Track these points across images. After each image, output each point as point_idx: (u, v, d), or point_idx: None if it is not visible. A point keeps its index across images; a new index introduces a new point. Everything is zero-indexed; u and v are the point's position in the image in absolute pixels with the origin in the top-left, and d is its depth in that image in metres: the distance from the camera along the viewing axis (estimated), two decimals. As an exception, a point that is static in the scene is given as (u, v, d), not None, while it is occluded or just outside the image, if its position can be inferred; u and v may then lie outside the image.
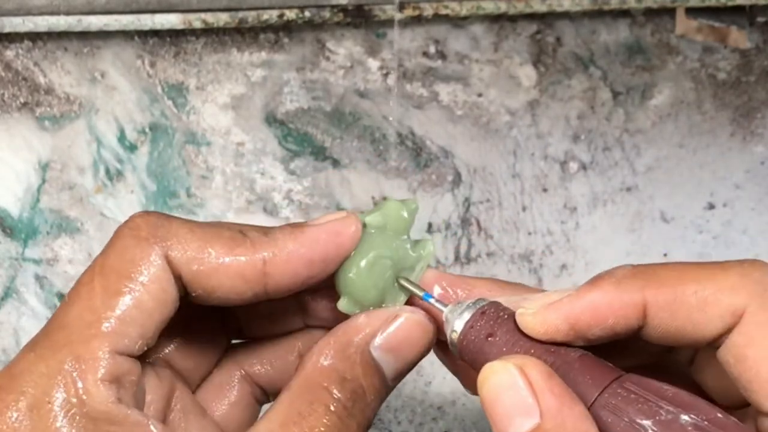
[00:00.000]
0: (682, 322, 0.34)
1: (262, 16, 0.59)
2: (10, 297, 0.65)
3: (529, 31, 0.65)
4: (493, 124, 0.67)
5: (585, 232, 0.69)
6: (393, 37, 0.64)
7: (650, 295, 0.34)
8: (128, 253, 0.36)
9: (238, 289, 0.37)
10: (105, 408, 0.33)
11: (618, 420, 0.32)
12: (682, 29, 0.65)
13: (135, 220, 0.37)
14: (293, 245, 0.37)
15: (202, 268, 0.36)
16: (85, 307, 0.35)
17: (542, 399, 0.32)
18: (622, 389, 0.33)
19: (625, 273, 0.35)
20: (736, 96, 0.69)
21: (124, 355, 0.35)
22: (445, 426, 0.70)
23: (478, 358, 0.36)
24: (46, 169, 0.63)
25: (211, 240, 0.36)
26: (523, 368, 0.33)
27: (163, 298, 0.36)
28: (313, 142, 0.65)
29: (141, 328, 0.35)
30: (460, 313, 0.37)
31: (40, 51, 0.61)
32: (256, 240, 0.37)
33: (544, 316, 0.35)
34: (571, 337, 0.35)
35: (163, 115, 0.64)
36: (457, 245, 0.68)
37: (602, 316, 0.35)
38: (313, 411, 0.36)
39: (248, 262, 0.36)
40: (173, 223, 0.37)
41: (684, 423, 0.31)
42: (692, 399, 0.33)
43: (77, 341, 0.34)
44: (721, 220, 0.70)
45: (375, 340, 0.38)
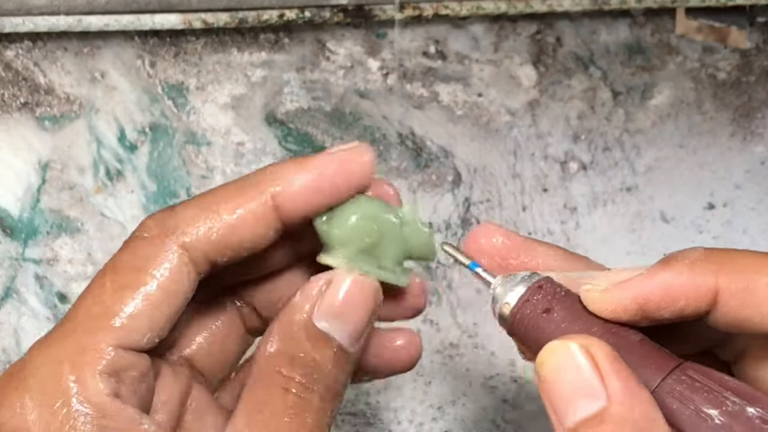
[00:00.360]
0: (751, 311, 0.33)
1: (262, 16, 0.59)
2: (10, 297, 0.65)
3: (529, 31, 0.65)
4: (493, 124, 0.67)
5: (585, 232, 0.69)
6: (393, 37, 0.64)
7: (723, 281, 0.34)
8: (140, 251, 0.36)
9: (259, 234, 0.37)
10: (99, 400, 0.33)
11: (683, 408, 0.32)
12: (682, 29, 0.65)
13: (145, 222, 0.37)
14: (300, 175, 0.37)
15: (220, 233, 0.36)
16: (95, 302, 0.35)
17: (609, 382, 0.31)
18: (687, 377, 0.32)
19: (699, 255, 0.34)
20: (736, 96, 0.69)
21: (130, 350, 0.35)
22: (445, 426, 0.70)
23: (532, 334, 0.35)
24: (46, 169, 0.63)
25: (216, 202, 0.37)
26: (588, 348, 0.32)
27: (173, 289, 0.36)
28: (313, 142, 0.65)
29: (149, 320, 0.35)
30: (514, 286, 0.36)
31: (40, 51, 0.61)
32: (259, 179, 0.37)
33: (613, 294, 0.34)
34: (639, 317, 0.34)
35: (163, 115, 0.64)
36: (458, 245, 0.68)
37: (673, 297, 0.34)
38: (272, 396, 0.35)
39: (258, 204, 0.37)
40: (177, 210, 0.37)
41: (750, 415, 0.31)
42: (754, 392, 0.32)
43: (82, 332, 0.34)
44: (721, 220, 0.70)
45: (316, 312, 0.37)
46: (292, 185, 0.37)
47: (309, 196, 0.37)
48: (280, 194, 0.37)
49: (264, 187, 0.37)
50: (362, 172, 0.38)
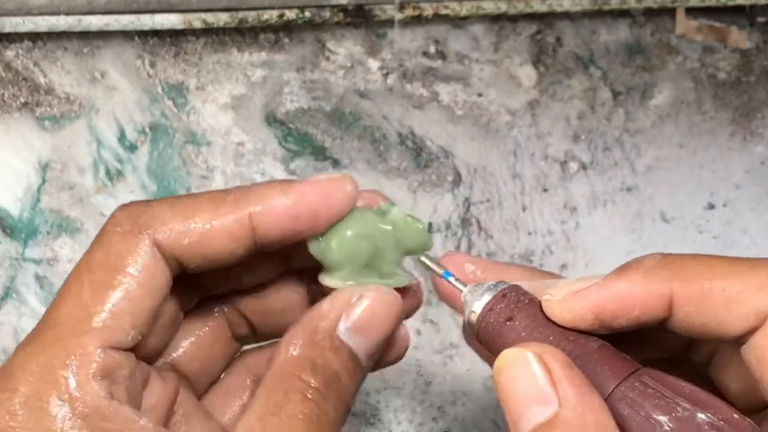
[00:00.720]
0: (707, 317, 0.34)
1: (262, 16, 0.59)
2: (10, 297, 0.65)
3: (529, 31, 0.65)
4: (493, 124, 0.67)
5: (585, 232, 0.69)
6: (393, 37, 0.64)
7: (677, 288, 0.34)
8: (114, 248, 0.36)
9: (230, 249, 0.37)
10: (97, 404, 0.33)
11: (634, 414, 0.32)
12: (682, 29, 0.65)
13: (116, 215, 0.37)
14: (279, 198, 0.37)
15: (192, 238, 0.36)
16: (75, 304, 0.35)
17: (561, 388, 0.32)
18: (640, 383, 0.33)
19: (654, 263, 0.35)
20: (736, 96, 0.69)
21: (117, 349, 0.35)
22: (445, 426, 0.70)
23: (495, 342, 0.36)
24: (46, 169, 0.63)
25: (193, 209, 0.36)
26: (542, 356, 0.33)
27: (151, 285, 0.36)
28: (313, 142, 0.65)
29: (132, 318, 0.35)
30: (480, 295, 0.37)
31: (40, 51, 0.61)
32: (239, 196, 0.37)
33: (570, 303, 0.35)
34: (596, 326, 0.35)
35: (163, 115, 0.64)
36: (457, 245, 0.68)
37: (628, 306, 0.34)
38: (289, 400, 0.36)
39: (234, 219, 0.37)
40: (153, 206, 0.37)
41: (700, 421, 0.31)
42: (709, 397, 0.32)
43: (68, 337, 0.34)
44: (721, 220, 0.70)
45: (341, 323, 0.38)
46: (272, 208, 0.37)
47: (287, 221, 0.37)
48: (258, 215, 0.37)
49: (244, 204, 0.37)
50: (343, 204, 0.38)
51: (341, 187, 0.38)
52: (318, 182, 0.38)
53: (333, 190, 0.38)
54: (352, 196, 0.39)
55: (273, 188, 0.38)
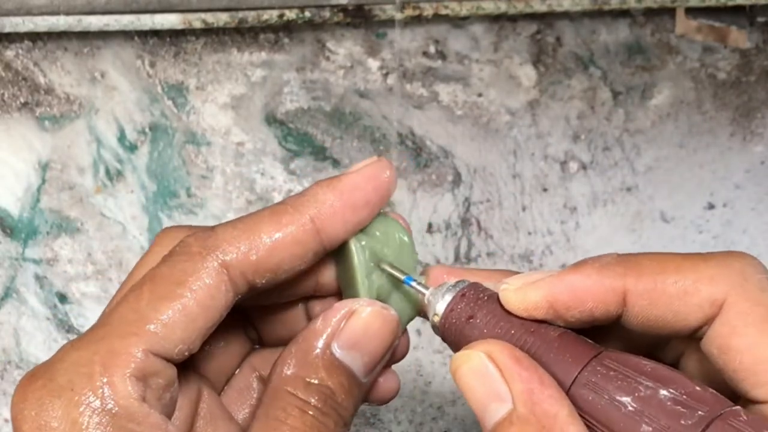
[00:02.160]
0: (662, 311, 0.34)
1: (262, 16, 0.59)
2: (10, 297, 0.65)
3: (529, 31, 0.65)
4: (493, 124, 0.67)
5: (585, 232, 0.69)
6: (393, 37, 0.64)
7: (630, 283, 0.35)
8: (180, 266, 0.36)
9: (298, 256, 0.37)
10: (126, 403, 0.33)
11: (598, 398, 0.33)
12: (682, 29, 0.65)
13: (185, 240, 0.37)
14: (334, 196, 0.38)
15: (260, 253, 0.37)
16: (130, 309, 0.35)
17: (512, 384, 0.33)
18: (602, 366, 0.33)
19: (610, 260, 0.36)
20: (736, 96, 0.69)
21: (160, 357, 0.35)
22: (445, 426, 0.70)
23: (459, 341, 0.36)
24: (46, 169, 0.63)
25: (256, 225, 0.37)
26: (490, 354, 0.33)
27: (210, 305, 0.36)
28: (313, 142, 0.65)
29: (183, 332, 0.35)
30: (442, 296, 0.37)
31: (40, 51, 0.61)
32: (297, 204, 0.38)
33: (524, 292, 0.36)
34: (551, 316, 0.35)
35: (163, 115, 0.64)
36: (457, 245, 0.68)
37: (581, 299, 0.35)
38: (289, 415, 0.36)
39: (298, 227, 0.37)
40: (217, 230, 0.37)
41: (663, 398, 0.32)
42: (671, 373, 0.33)
43: (114, 336, 0.34)
44: (721, 220, 0.70)
45: (335, 341, 0.38)
46: (331, 205, 0.38)
47: (347, 214, 0.38)
48: (318, 216, 0.38)
49: (304, 209, 0.38)
50: (389, 185, 0.39)
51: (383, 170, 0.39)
52: (363, 170, 0.39)
53: (377, 173, 0.39)
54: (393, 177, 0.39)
55: (326, 187, 0.38)
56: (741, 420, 0.31)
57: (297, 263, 0.38)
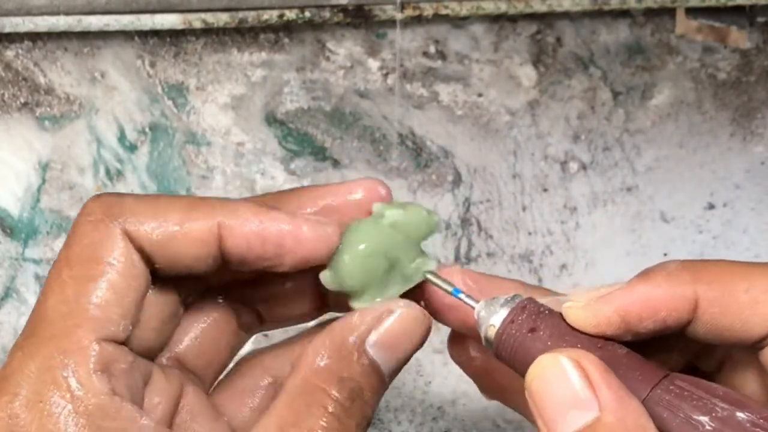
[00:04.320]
0: (732, 319, 0.34)
1: (262, 16, 0.59)
2: (10, 297, 0.65)
3: (529, 31, 0.65)
4: (493, 124, 0.67)
5: (585, 232, 0.69)
6: (394, 37, 0.64)
7: (702, 290, 0.34)
8: (88, 239, 0.35)
9: (197, 254, 0.36)
10: (98, 401, 0.33)
11: (673, 416, 0.32)
12: (682, 29, 0.65)
13: (88, 205, 0.36)
14: (251, 218, 0.36)
15: (161, 236, 0.36)
16: (59, 300, 0.34)
17: (600, 392, 0.31)
18: (674, 386, 0.33)
19: (677, 266, 0.35)
20: (736, 96, 0.69)
21: (110, 341, 0.34)
22: (445, 426, 0.70)
23: (518, 354, 0.35)
24: (46, 169, 0.63)
25: (166, 208, 0.36)
26: (578, 360, 0.32)
27: (134, 274, 0.35)
28: (313, 142, 0.65)
29: (120, 308, 0.35)
30: (498, 308, 0.36)
31: (40, 51, 0.61)
32: (215, 204, 0.37)
33: (595, 308, 0.35)
34: (622, 330, 0.35)
35: (163, 115, 0.64)
36: (457, 245, 0.68)
37: (655, 308, 0.34)
38: (311, 413, 0.35)
39: (203, 225, 0.36)
40: (126, 199, 0.36)
41: (741, 420, 0.31)
42: (743, 398, 0.33)
43: (60, 334, 0.34)
44: (721, 220, 0.70)
45: (370, 338, 0.37)
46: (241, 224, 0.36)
47: (254, 242, 0.37)
48: (227, 226, 0.36)
49: (216, 213, 0.36)
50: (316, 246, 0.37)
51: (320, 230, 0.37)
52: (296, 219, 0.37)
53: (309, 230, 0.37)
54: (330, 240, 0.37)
55: (249, 207, 0.37)
56: None
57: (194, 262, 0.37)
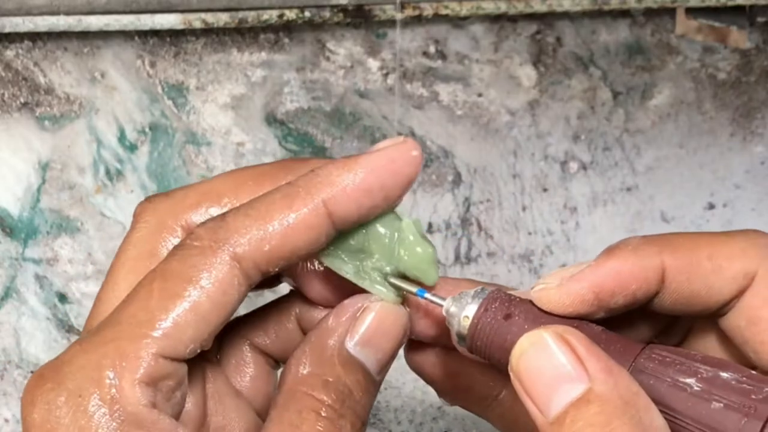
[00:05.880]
0: (698, 285, 0.35)
1: (262, 16, 0.59)
2: (10, 297, 0.65)
3: (529, 31, 0.65)
4: (493, 124, 0.67)
5: (585, 232, 0.69)
6: (394, 37, 0.64)
7: (668, 260, 0.35)
8: (191, 260, 0.35)
9: (311, 240, 0.36)
10: (135, 410, 0.33)
11: (660, 382, 0.33)
12: (682, 29, 0.65)
13: (197, 232, 0.36)
14: (348, 178, 0.36)
15: (273, 242, 0.35)
16: (141, 307, 0.34)
17: (588, 364, 0.32)
18: (656, 354, 0.34)
19: (639, 241, 0.36)
20: (736, 96, 0.69)
21: (171, 359, 0.34)
22: (445, 426, 0.70)
23: (495, 342, 0.35)
24: (46, 169, 0.63)
25: (269, 212, 0.36)
26: (563, 335, 0.32)
27: (222, 301, 0.35)
28: (313, 142, 0.65)
29: (195, 331, 0.34)
30: (469, 301, 0.36)
31: (40, 51, 0.61)
32: (309, 185, 0.36)
33: (568, 287, 0.35)
34: (595, 307, 0.35)
35: (163, 115, 0.64)
36: (457, 245, 0.68)
37: (625, 282, 0.35)
38: (304, 419, 0.35)
39: (310, 211, 0.36)
40: (229, 219, 0.36)
41: (726, 378, 0.32)
42: (722, 360, 0.33)
43: (124, 338, 0.34)
44: (721, 220, 0.70)
45: (349, 338, 0.37)
46: (343, 189, 0.36)
47: (361, 198, 0.36)
48: (332, 200, 0.36)
49: (315, 192, 0.36)
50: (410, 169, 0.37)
51: (406, 151, 0.37)
52: (382, 151, 0.37)
53: (399, 156, 0.37)
54: (418, 159, 0.37)
55: (339, 168, 0.36)
56: None
57: (310, 248, 0.36)
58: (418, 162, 0.37)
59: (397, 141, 0.37)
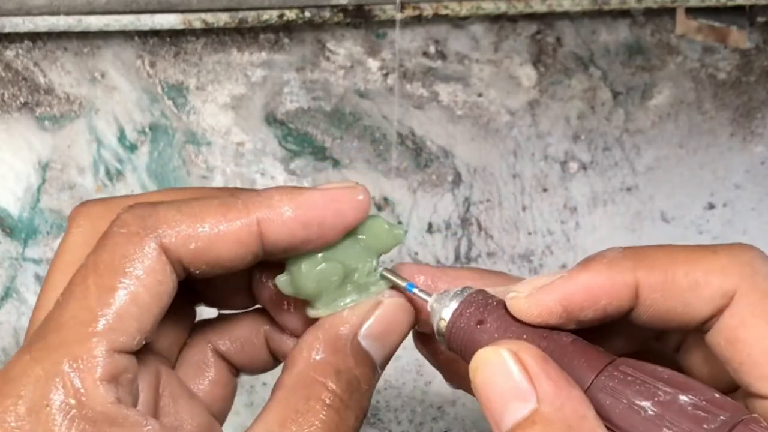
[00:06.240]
0: (674, 303, 0.34)
1: (262, 16, 0.59)
2: (10, 297, 0.65)
3: (529, 31, 0.65)
4: (493, 124, 0.67)
5: (585, 232, 0.69)
6: (394, 37, 0.64)
7: (642, 276, 0.34)
8: (120, 250, 0.35)
9: (237, 255, 0.36)
10: (104, 409, 0.33)
11: (616, 402, 0.32)
12: (682, 29, 0.65)
13: (122, 216, 0.36)
14: (288, 206, 0.36)
15: (199, 243, 0.35)
16: (80, 306, 0.34)
17: (538, 383, 0.32)
18: (618, 372, 0.33)
19: (616, 254, 0.35)
20: (736, 96, 0.69)
21: (122, 353, 0.34)
22: (445, 426, 0.70)
23: (468, 346, 0.36)
24: (46, 169, 0.63)
25: (201, 213, 0.36)
26: (517, 353, 0.32)
27: (159, 290, 0.35)
28: (313, 142, 0.65)
29: (139, 323, 0.34)
30: (448, 302, 0.37)
31: (40, 51, 0.61)
32: (248, 201, 0.36)
33: (537, 298, 0.35)
34: (564, 319, 0.35)
35: (163, 115, 0.64)
36: (457, 245, 0.68)
37: (595, 297, 0.34)
38: (310, 407, 0.35)
39: (243, 225, 0.36)
40: (160, 210, 0.36)
41: (683, 403, 0.32)
42: (687, 380, 0.33)
43: (73, 341, 0.33)
44: (721, 220, 0.70)
45: (362, 330, 0.38)
46: (280, 215, 0.36)
47: (295, 228, 0.36)
48: (266, 221, 0.36)
49: (252, 209, 0.36)
50: (353, 213, 0.37)
51: (352, 196, 0.37)
52: (328, 190, 0.37)
53: (343, 199, 0.37)
54: (364, 205, 0.37)
55: (282, 194, 0.36)
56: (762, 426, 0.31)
57: (235, 263, 0.36)
58: (362, 208, 0.37)
59: (347, 184, 0.37)
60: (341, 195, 0.37)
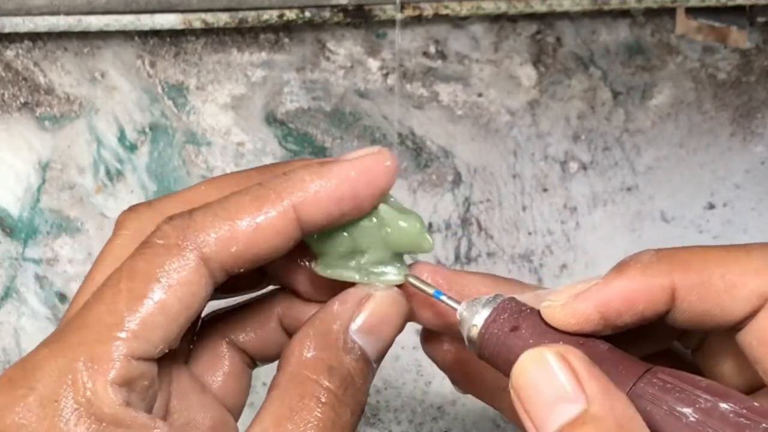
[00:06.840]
0: (710, 305, 0.34)
1: (262, 16, 0.59)
2: (10, 297, 0.65)
3: (529, 31, 0.65)
4: (493, 124, 0.67)
5: (585, 232, 0.69)
6: (394, 37, 0.64)
7: (678, 279, 0.34)
8: (158, 260, 0.35)
9: (278, 244, 0.36)
10: (112, 411, 0.33)
11: (657, 408, 0.32)
12: (682, 29, 0.65)
13: (162, 228, 0.36)
14: (320, 184, 0.36)
15: (240, 245, 0.35)
16: (108, 310, 0.34)
17: (587, 385, 0.32)
18: (657, 379, 0.33)
19: (651, 258, 0.35)
20: (736, 96, 0.69)
21: (141, 359, 0.34)
22: (445, 426, 0.70)
23: (501, 353, 0.36)
24: (46, 169, 0.63)
25: (237, 213, 0.35)
26: (563, 355, 0.32)
27: (190, 302, 0.35)
28: (314, 142, 0.65)
29: (164, 332, 0.34)
30: (480, 309, 0.37)
31: (40, 51, 0.61)
32: (279, 188, 0.36)
33: (573, 306, 0.35)
34: (601, 326, 0.35)
35: (163, 115, 0.64)
36: (457, 245, 0.68)
37: (632, 302, 0.34)
38: (305, 405, 0.35)
39: (279, 215, 0.36)
40: (197, 218, 0.36)
41: (724, 410, 0.32)
42: (726, 389, 0.33)
43: (94, 341, 0.34)
44: (721, 220, 0.70)
45: (353, 324, 0.37)
46: (314, 196, 0.36)
47: (331, 206, 0.36)
48: (301, 205, 0.36)
49: (285, 196, 0.36)
50: (383, 180, 0.37)
51: (380, 161, 0.37)
52: (356, 160, 0.37)
53: (372, 166, 0.37)
54: (392, 170, 0.37)
55: (311, 173, 0.36)
56: None
57: (277, 252, 0.36)
58: (391, 172, 0.37)
59: (372, 150, 0.37)
60: (370, 163, 0.37)
